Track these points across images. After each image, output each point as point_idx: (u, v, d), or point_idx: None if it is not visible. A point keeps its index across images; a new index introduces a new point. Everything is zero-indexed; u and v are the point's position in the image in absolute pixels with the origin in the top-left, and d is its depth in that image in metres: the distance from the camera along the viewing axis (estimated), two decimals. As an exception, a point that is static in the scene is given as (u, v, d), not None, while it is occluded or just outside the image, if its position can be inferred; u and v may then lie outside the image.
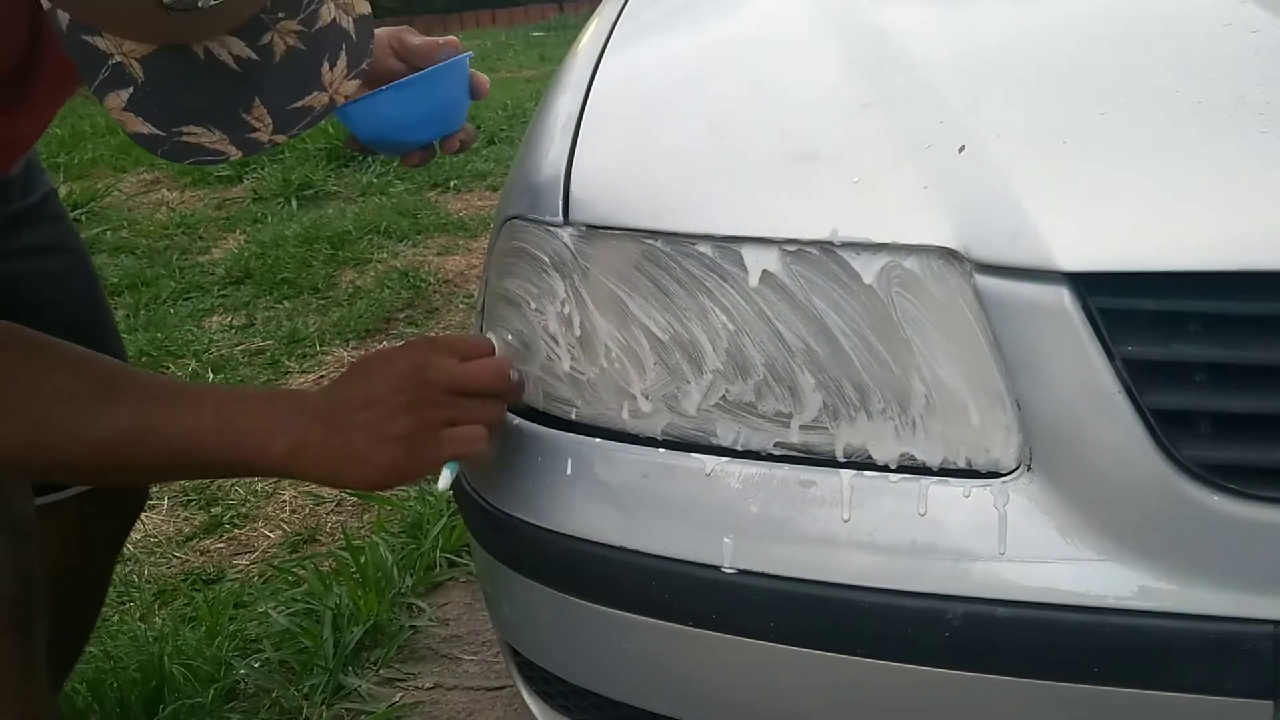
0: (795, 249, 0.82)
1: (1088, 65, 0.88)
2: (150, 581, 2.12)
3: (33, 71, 0.95)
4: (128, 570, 2.16)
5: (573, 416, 0.92)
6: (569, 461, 0.90)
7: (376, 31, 1.05)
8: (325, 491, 2.40)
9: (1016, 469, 0.79)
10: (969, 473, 0.80)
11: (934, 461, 0.81)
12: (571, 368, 0.91)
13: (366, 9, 0.81)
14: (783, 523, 0.82)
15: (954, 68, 0.90)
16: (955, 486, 0.79)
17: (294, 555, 2.18)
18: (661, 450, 0.87)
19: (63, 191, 4.57)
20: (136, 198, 5.03)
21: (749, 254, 0.84)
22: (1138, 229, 0.74)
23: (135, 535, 2.28)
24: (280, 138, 0.77)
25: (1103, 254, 0.73)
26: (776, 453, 0.84)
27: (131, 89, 0.74)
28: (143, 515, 2.36)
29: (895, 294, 0.80)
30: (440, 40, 1.04)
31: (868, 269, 0.80)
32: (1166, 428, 0.73)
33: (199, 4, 0.70)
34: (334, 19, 0.77)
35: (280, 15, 0.75)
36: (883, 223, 0.80)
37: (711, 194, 0.88)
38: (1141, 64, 0.87)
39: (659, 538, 0.85)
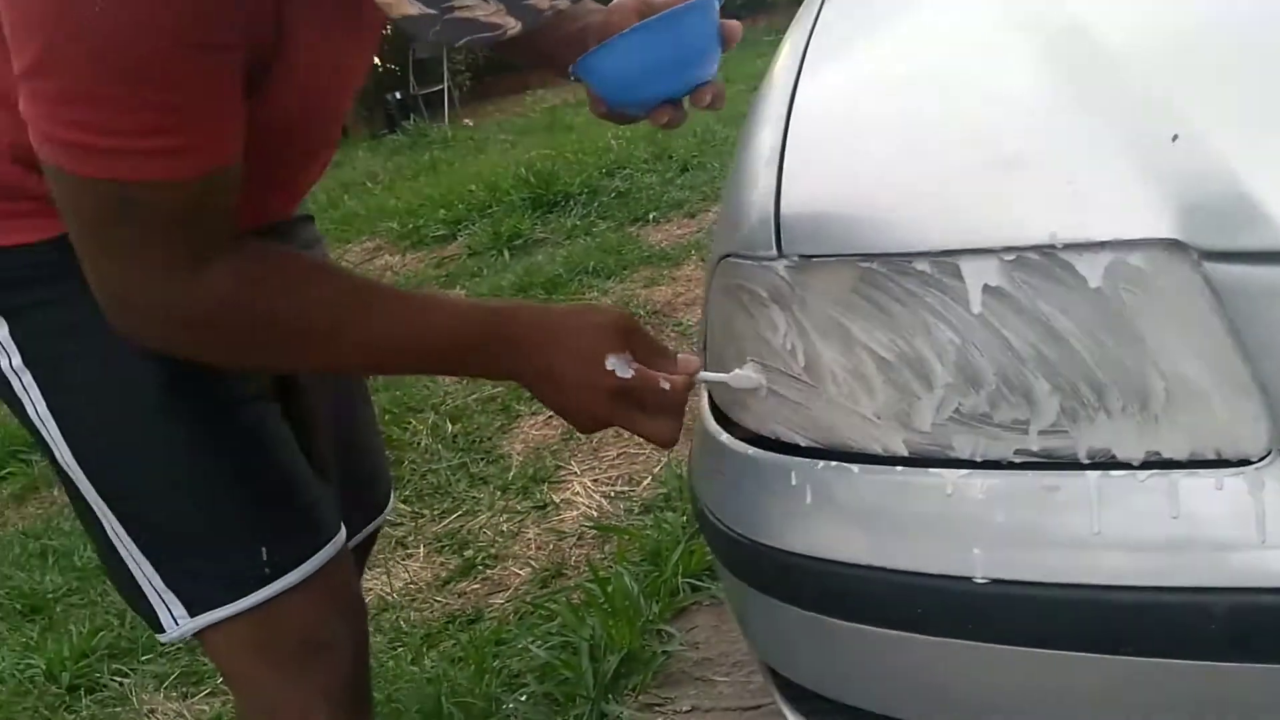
0: (1014, 256, 0.82)
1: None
2: (416, 626, 2.25)
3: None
4: (395, 616, 2.30)
5: (807, 442, 0.95)
6: (808, 488, 0.92)
7: None
8: (566, 526, 2.50)
9: (1269, 455, 0.77)
10: (1219, 463, 0.78)
11: (1181, 455, 0.80)
12: (800, 396, 0.94)
13: None
14: (1031, 530, 0.82)
15: (1155, 56, 0.88)
16: (1206, 478, 0.78)
17: (544, 590, 2.28)
18: (899, 468, 0.89)
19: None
20: (361, 266, 5.35)
21: (967, 266, 0.84)
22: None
23: (397, 583, 2.43)
24: (563, 2, 0.71)
25: (1340, 228, 0.71)
26: (1017, 460, 0.85)
27: None
28: (402, 563, 2.52)
29: (1123, 290, 0.79)
30: None
31: (1092, 268, 0.80)
32: None
33: None
34: None
35: None
36: (1102, 220, 0.80)
37: (922, 210, 0.89)
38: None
39: (907, 554, 0.86)
